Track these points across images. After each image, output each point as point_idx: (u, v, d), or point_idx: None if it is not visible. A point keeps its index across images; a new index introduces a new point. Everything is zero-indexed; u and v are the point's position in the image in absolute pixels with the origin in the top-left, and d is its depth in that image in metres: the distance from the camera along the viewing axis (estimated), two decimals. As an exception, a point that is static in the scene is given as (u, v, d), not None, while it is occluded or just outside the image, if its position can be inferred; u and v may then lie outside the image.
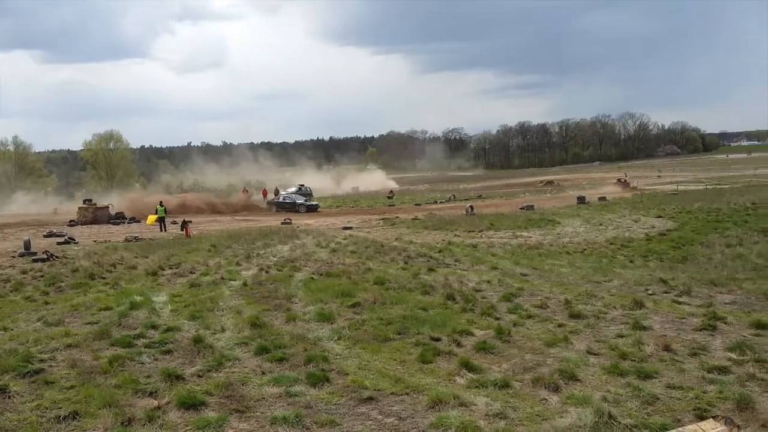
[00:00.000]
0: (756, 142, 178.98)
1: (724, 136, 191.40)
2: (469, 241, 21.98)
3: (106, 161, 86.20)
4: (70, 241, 26.32)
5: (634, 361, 7.13)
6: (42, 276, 15.43)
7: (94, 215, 39.44)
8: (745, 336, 8.12)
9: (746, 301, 10.62)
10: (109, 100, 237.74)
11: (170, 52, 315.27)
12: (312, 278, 13.94)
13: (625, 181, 58.02)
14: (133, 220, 40.02)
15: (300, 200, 47.36)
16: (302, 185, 66.26)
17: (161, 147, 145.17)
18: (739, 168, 78.02)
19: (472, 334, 8.58)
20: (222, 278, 14.19)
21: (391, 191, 64.32)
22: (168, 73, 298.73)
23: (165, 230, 32.07)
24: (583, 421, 5.24)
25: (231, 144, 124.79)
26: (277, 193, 64.48)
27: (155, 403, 6.09)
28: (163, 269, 16.05)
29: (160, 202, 35.32)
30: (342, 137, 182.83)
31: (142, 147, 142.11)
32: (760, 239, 19.51)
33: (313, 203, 47.61)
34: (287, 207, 45.58)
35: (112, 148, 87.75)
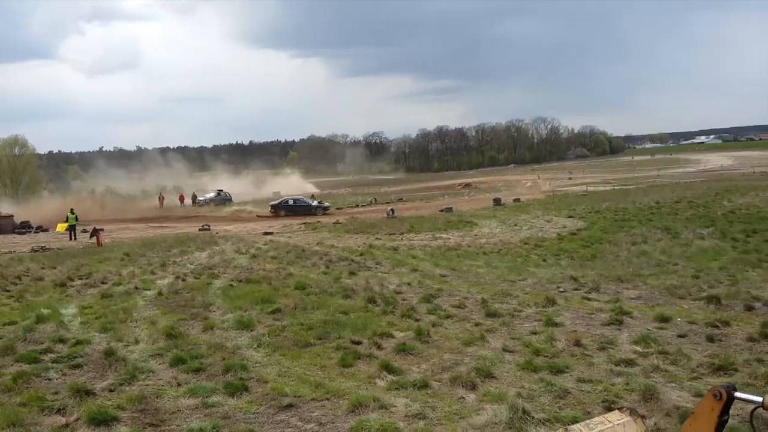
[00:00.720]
0: (659, 145, 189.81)
1: (630, 139, 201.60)
2: (390, 244, 22.16)
3: (10, 167, 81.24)
4: (-31, 252, 24.70)
5: (547, 356, 7.40)
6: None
7: (-3, 224, 37.23)
8: (649, 329, 8.57)
9: (650, 296, 11.23)
10: (14, 104, 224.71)
11: (80, 53, 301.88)
12: (231, 285, 13.67)
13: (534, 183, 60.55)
14: (39, 229, 38.01)
15: (314, 203, 45.40)
16: (221, 190, 64.96)
17: (71, 152, 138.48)
18: (644, 169, 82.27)
19: (393, 336, 8.66)
20: (136, 288, 13.70)
21: (313, 195, 64.01)
22: (77, 75, 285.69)
23: (75, 239, 30.62)
24: (498, 418, 5.40)
25: (146, 149, 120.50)
26: (194, 198, 63.00)
27: (63, 420, 5.82)
28: (73, 280, 15.33)
29: (71, 209, 33.70)
30: (262, 141, 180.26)
31: (50, 152, 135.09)
32: (663, 237, 20.66)
33: (325, 204, 45.88)
34: (301, 211, 42.62)
35: (17, 154, 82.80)
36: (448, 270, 15.39)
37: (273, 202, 46.76)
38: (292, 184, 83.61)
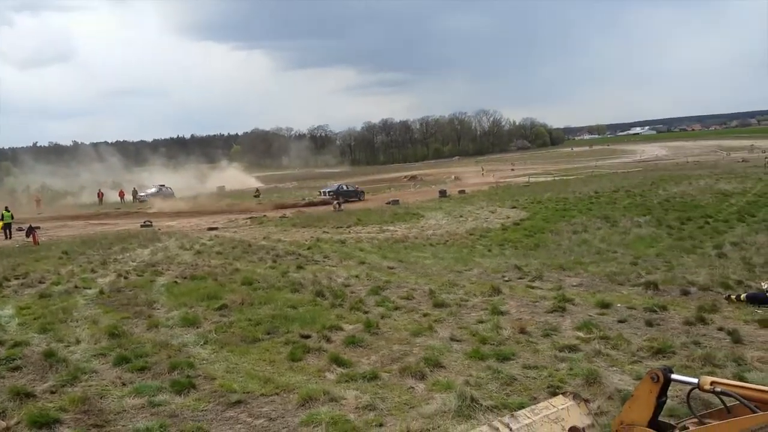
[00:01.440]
0: (596, 136, 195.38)
1: (569, 131, 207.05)
2: (338, 237, 22.13)
3: (-62, 164, 77.25)
4: None
5: (494, 344, 7.55)
6: None
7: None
8: (590, 315, 8.85)
9: (591, 283, 11.58)
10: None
11: (10, 45, 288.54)
12: (175, 282, 13.39)
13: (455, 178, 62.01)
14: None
15: (360, 189, 48.12)
16: (162, 185, 63.41)
17: (3, 148, 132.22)
18: (583, 160, 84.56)
19: (342, 329, 8.67)
20: (76, 287, 13.26)
21: (257, 190, 63.18)
22: (8, 67, 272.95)
23: (11, 237, 29.39)
24: (447, 406, 5.48)
25: (82, 144, 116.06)
26: (135, 193, 61.31)
27: (3, 424, 5.60)
28: (9, 280, 14.72)
29: (5, 207, 32.29)
30: (204, 135, 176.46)
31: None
32: (603, 225, 21.33)
33: (361, 189, 48.20)
34: (352, 195, 45.51)
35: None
36: (395, 262, 15.48)
37: (328, 189, 47.88)
38: (235, 178, 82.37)
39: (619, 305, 9.37)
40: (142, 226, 32.09)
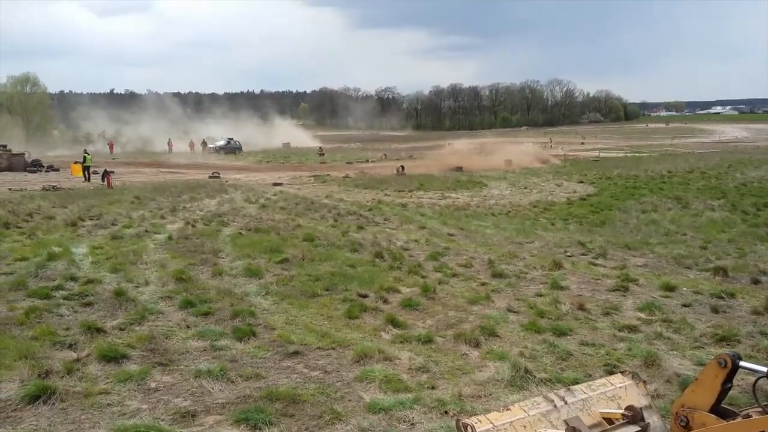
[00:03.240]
0: (674, 113, 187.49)
1: (645, 106, 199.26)
2: (399, 201, 22.20)
3: (21, 106, 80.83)
4: (-19, 188, 24.91)
5: (551, 319, 7.47)
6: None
7: (9, 162, 37.40)
8: (654, 297, 8.62)
9: (657, 264, 11.24)
10: (24, 41, 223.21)
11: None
12: (240, 233, 13.78)
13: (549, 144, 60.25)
14: (51, 168, 38.19)
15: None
16: (231, 138, 64.77)
17: (81, 93, 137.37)
18: (658, 138, 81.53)
19: (399, 292, 8.75)
20: (146, 231, 13.84)
21: (321, 148, 63.77)
22: (87, 14, 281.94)
23: (89, 180, 30.80)
24: (500, 375, 5.49)
25: (156, 93, 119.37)
26: (204, 145, 62.94)
27: (74, 355, 5.96)
28: (83, 220, 15.49)
29: (85, 150, 33.81)
30: (274, 91, 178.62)
31: (61, 92, 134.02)
32: (674, 206, 20.58)
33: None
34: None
35: (28, 92, 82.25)
36: (455, 229, 15.43)
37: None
38: (298, 136, 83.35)
39: (684, 289, 9.08)
40: (210, 177, 33.00)
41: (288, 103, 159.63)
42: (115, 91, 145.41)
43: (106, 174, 28.74)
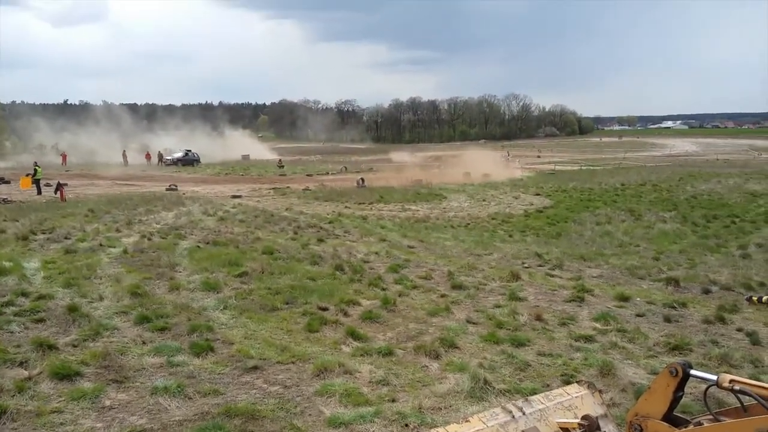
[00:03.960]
0: (627, 127, 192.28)
1: (599, 121, 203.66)
2: (359, 213, 22.21)
3: (-29, 116, 78.17)
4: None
5: (510, 330, 7.57)
6: None
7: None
8: (609, 307, 8.82)
9: (612, 275, 11.51)
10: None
11: (45, 1, 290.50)
12: (198, 246, 13.57)
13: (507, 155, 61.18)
14: (2, 180, 36.98)
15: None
16: (189, 150, 63.82)
17: (34, 103, 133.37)
18: (611, 151, 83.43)
19: (359, 304, 8.75)
20: (100, 245, 13.50)
21: (280, 160, 63.39)
22: (42, 24, 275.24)
23: (40, 193, 29.92)
24: (460, 387, 5.54)
25: (111, 104, 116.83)
26: (161, 156, 61.88)
27: (26, 373, 5.78)
28: (35, 234, 15.03)
29: (35, 162, 32.85)
30: (233, 103, 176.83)
31: (13, 102, 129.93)
32: (627, 218, 21.12)
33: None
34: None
35: (-21, 102, 79.52)
36: (416, 241, 15.51)
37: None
38: (255, 148, 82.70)
39: (638, 299, 9.32)
40: (167, 189, 32.43)
41: (247, 115, 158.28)
42: (69, 102, 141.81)
43: (59, 186, 27.99)
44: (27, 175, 33.12)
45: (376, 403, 5.27)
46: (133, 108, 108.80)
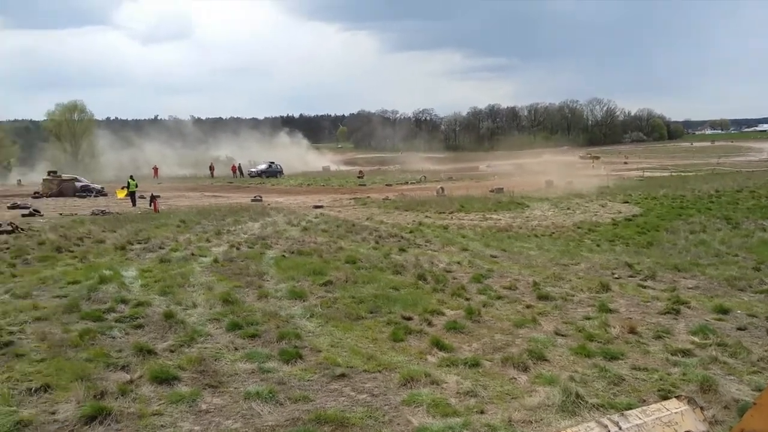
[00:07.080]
0: (719, 131, 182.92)
1: (689, 125, 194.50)
2: (440, 223, 22.14)
3: (70, 132, 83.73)
4: (35, 213, 25.74)
5: (601, 342, 7.32)
6: (8, 248, 15.10)
7: (60, 187, 38.65)
8: (707, 320, 8.38)
9: (709, 286, 10.94)
10: (71, 69, 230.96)
11: (133, 20, 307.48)
12: (283, 256, 13.92)
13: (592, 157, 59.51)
14: (99, 193, 39.33)
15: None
16: (272, 162, 65.79)
17: (127, 119, 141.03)
18: (703, 156, 79.72)
19: (443, 314, 8.70)
20: (192, 254, 14.08)
21: (361, 171, 64.25)
22: (131, 42, 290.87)
23: (135, 205, 31.57)
24: (551, 400, 5.39)
25: (198, 118, 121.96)
26: (240, 168, 64.07)
27: (128, 377, 6.08)
28: (132, 244, 15.84)
29: (131, 175, 34.71)
30: (313, 115, 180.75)
31: (108, 119, 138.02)
32: (723, 226, 20.04)
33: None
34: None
35: (76, 119, 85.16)
36: (498, 251, 15.30)
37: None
38: (338, 159, 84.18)
39: (739, 312, 8.81)
40: (252, 200, 33.50)
41: (327, 126, 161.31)
42: (159, 117, 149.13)
43: (153, 198, 29.43)
44: (122, 187, 35.12)
45: (464, 414, 5.22)
46: (218, 122, 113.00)
